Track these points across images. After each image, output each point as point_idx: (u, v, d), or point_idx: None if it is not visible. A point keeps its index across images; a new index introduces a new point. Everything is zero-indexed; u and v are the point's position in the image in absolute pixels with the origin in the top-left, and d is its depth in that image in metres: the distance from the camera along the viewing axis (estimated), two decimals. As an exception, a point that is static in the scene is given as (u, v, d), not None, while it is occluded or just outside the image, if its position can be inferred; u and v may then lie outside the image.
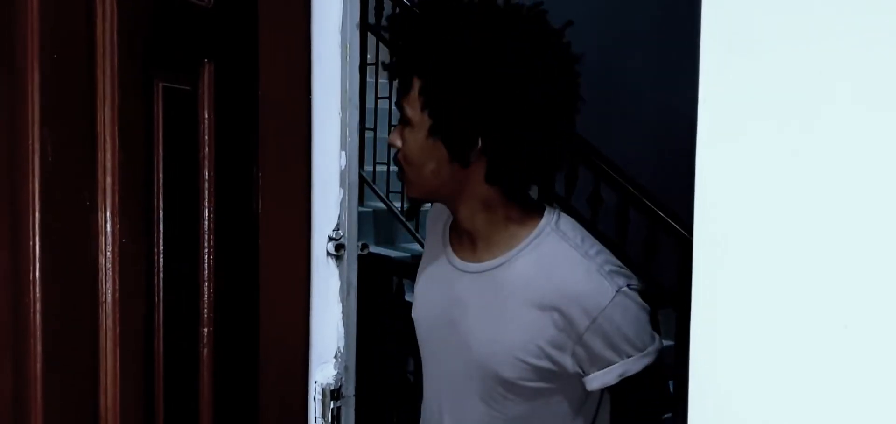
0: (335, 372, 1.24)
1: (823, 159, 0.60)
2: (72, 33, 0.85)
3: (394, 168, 3.75)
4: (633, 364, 1.18)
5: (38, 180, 0.81)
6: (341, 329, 1.24)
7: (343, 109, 1.22)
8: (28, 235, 0.81)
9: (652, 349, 1.20)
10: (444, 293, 1.30)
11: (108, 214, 0.89)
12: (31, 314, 0.82)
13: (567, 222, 1.24)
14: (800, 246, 0.61)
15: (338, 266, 1.23)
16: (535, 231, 1.22)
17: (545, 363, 1.19)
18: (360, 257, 1.30)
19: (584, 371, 1.20)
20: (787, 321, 0.62)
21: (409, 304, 1.43)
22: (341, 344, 1.25)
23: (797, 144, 0.61)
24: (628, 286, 1.17)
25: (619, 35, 3.80)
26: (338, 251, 1.23)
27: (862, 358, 0.59)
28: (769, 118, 0.62)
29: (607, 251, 1.22)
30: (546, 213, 1.24)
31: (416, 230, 3.67)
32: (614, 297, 1.15)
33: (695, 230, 0.66)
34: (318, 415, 1.23)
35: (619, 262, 1.21)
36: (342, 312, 1.24)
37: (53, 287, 0.84)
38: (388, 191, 3.80)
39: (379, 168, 3.82)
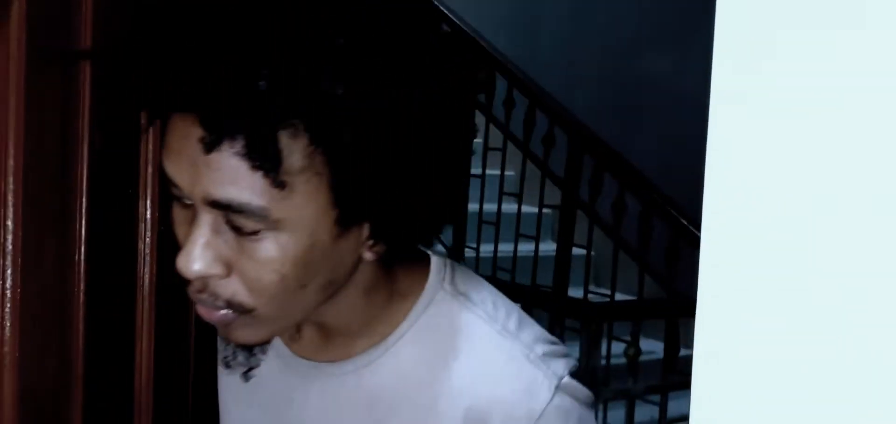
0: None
1: (837, 163, 0.60)
2: (122, 34, 0.90)
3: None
4: None
5: (86, 168, 0.86)
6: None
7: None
8: (75, 220, 0.87)
9: None
10: (276, 411, 0.78)
11: (148, 202, 0.94)
12: (76, 294, 0.88)
13: (465, 277, 0.76)
14: (812, 253, 0.62)
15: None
16: (422, 300, 0.73)
17: None
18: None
19: None
20: (797, 332, 0.64)
21: None
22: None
23: (810, 147, 0.62)
24: (569, 374, 0.73)
25: (645, 40, 3.81)
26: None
27: (874, 369, 0.60)
28: (780, 125, 0.64)
29: (526, 315, 0.77)
30: (433, 268, 0.75)
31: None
32: (553, 397, 0.71)
33: (702, 234, 0.68)
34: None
35: (545, 331, 0.77)
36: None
37: (97, 270, 0.89)
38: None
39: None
